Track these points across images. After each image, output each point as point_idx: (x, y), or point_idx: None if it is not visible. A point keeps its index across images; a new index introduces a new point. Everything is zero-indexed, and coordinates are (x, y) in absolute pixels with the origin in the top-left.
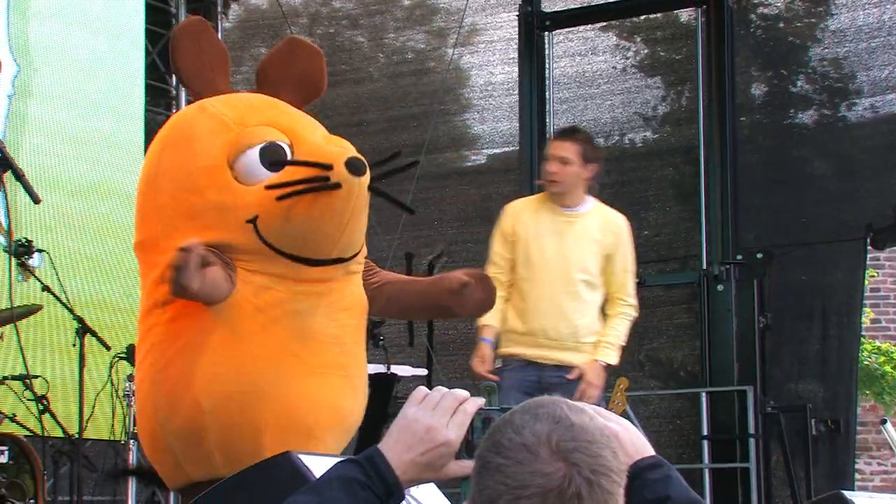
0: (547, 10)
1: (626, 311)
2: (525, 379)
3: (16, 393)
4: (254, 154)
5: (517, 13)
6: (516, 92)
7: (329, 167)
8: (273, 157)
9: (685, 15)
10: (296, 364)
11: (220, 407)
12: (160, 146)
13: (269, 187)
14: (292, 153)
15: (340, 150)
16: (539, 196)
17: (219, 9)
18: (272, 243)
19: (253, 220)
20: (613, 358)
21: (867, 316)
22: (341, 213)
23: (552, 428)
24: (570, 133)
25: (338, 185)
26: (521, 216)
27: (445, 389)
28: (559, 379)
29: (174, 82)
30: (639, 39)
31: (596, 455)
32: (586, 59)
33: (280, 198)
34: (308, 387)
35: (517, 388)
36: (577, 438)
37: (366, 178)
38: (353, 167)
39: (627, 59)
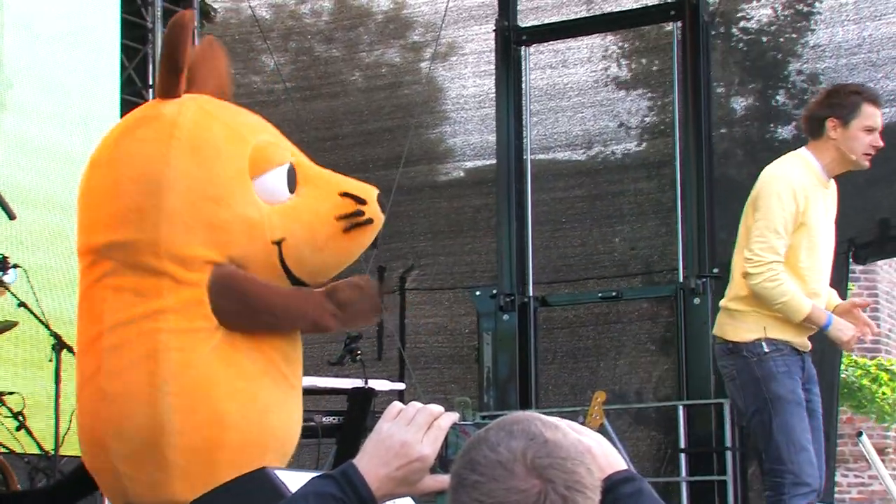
0: (523, 24)
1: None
2: (798, 365)
3: None
4: (280, 175)
5: (493, 28)
6: (487, 105)
7: (365, 202)
8: (292, 178)
9: (658, 29)
10: (287, 385)
11: (240, 423)
12: (163, 148)
13: (340, 217)
14: (296, 176)
15: (371, 186)
16: (812, 168)
17: (194, 24)
18: (290, 268)
19: (279, 242)
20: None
21: None
22: (362, 247)
23: (527, 445)
24: (879, 100)
25: (370, 221)
26: (810, 189)
27: (420, 405)
28: (808, 368)
29: (150, 97)
30: (611, 53)
31: (570, 471)
32: (557, 71)
33: (348, 229)
34: (297, 407)
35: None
36: (552, 455)
37: None
38: (382, 205)
39: (599, 71)
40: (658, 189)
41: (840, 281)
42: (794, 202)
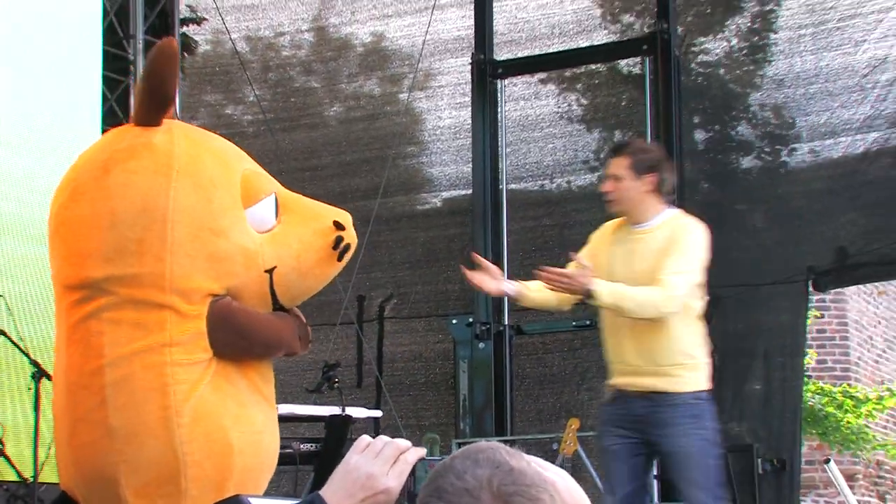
0: (499, 58)
1: (658, 288)
2: (615, 411)
3: None
4: (269, 204)
5: (469, 61)
6: (463, 136)
7: (344, 228)
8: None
9: (626, 62)
10: (268, 406)
11: (244, 448)
12: (164, 182)
13: (334, 247)
14: (278, 203)
15: (344, 211)
16: (620, 219)
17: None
18: (277, 294)
19: (270, 271)
20: (602, 291)
21: (812, 357)
22: (337, 271)
23: (493, 472)
24: (621, 147)
25: (349, 246)
26: (599, 242)
27: (388, 439)
28: (644, 409)
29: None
30: (580, 85)
31: (535, 498)
32: (529, 102)
33: (340, 257)
34: (276, 425)
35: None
36: (517, 482)
37: None
38: (356, 230)
39: (570, 103)
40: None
41: (799, 308)
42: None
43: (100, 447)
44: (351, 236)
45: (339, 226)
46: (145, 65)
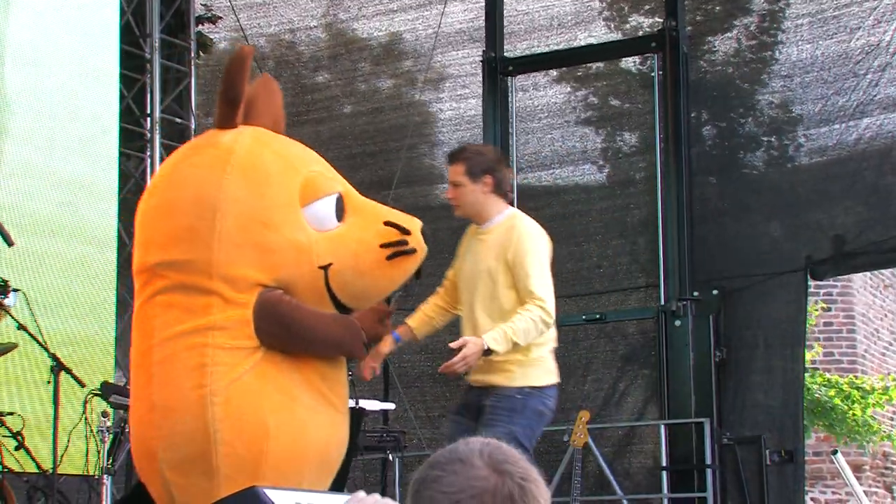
0: (509, 55)
1: (528, 307)
2: (461, 401)
3: None
4: (329, 203)
5: (476, 55)
6: (469, 128)
7: (409, 233)
8: (340, 208)
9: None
10: (325, 402)
11: (281, 435)
12: (218, 174)
13: (383, 245)
14: (344, 205)
15: (415, 218)
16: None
17: (192, 55)
18: (335, 292)
19: (325, 267)
20: (496, 345)
21: (816, 350)
22: (405, 275)
23: (483, 446)
24: (455, 155)
25: (414, 251)
26: (461, 245)
27: (380, 498)
28: (477, 399)
29: (148, 126)
30: (587, 77)
31: (524, 468)
32: (527, 94)
33: (391, 257)
34: (335, 424)
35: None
36: (506, 454)
37: None
38: (426, 236)
39: (574, 95)
40: (621, 208)
41: (799, 298)
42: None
43: (144, 422)
44: (417, 241)
45: (402, 230)
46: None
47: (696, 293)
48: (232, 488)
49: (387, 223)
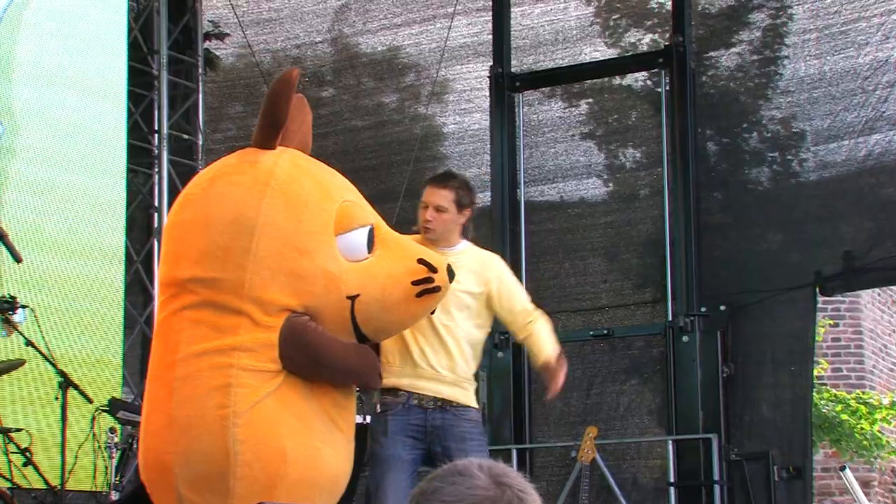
0: (516, 71)
1: (541, 318)
2: (407, 420)
3: None
4: (362, 235)
5: (480, 69)
6: (476, 141)
7: (436, 271)
8: (371, 239)
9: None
10: (336, 428)
11: (298, 459)
12: (258, 196)
13: (415, 283)
14: (374, 237)
15: (442, 256)
16: (417, 238)
17: (199, 71)
18: (359, 323)
19: (353, 298)
20: (557, 352)
21: (827, 364)
22: (427, 312)
23: (482, 461)
24: (445, 179)
25: (438, 289)
26: None
27: None
28: (442, 420)
29: (156, 142)
30: (593, 92)
31: (522, 483)
32: (533, 108)
33: (420, 294)
34: (346, 452)
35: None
36: (504, 469)
37: None
38: (451, 274)
39: (579, 110)
40: (628, 223)
41: (808, 314)
42: None
43: (161, 436)
44: (442, 280)
45: (431, 268)
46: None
47: (703, 309)
48: None
49: (419, 261)
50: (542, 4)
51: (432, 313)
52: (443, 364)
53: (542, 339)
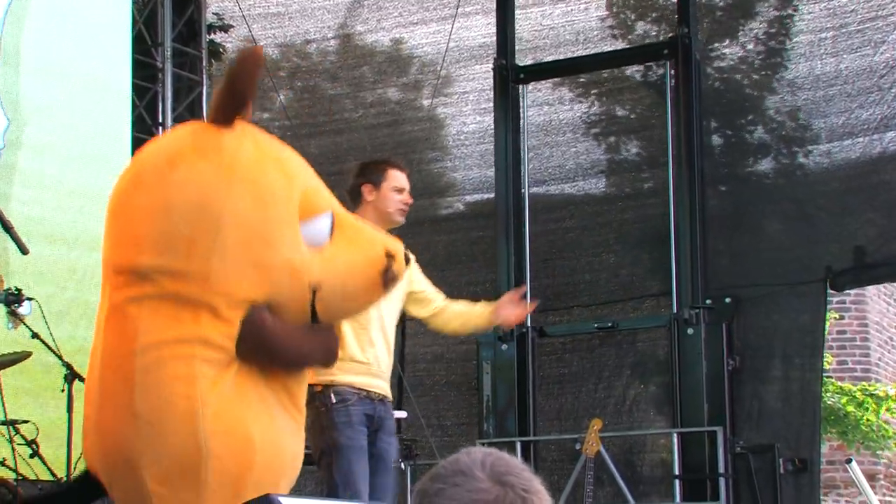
0: (521, 63)
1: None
2: (362, 411)
3: (4, 437)
4: (324, 222)
5: (492, 66)
6: (486, 141)
7: (393, 258)
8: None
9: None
10: (289, 415)
11: (265, 446)
12: (224, 185)
13: (382, 272)
14: (333, 224)
15: (397, 241)
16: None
17: (203, 63)
18: (318, 311)
19: (314, 288)
20: None
21: (832, 357)
22: (384, 297)
23: (485, 456)
24: (402, 163)
25: (396, 277)
26: None
27: None
28: (382, 414)
29: (160, 135)
30: (601, 90)
31: (526, 479)
32: (544, 108)
33: (385, 283)
34: (300, 434)
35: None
36: (510, 465)
37: None
38: (407, 259)
39: (585, 105)
40: (634, 217)
41: (817, 308)
42: None
43: (124, 432)
44: (400, 267)
45: (389, 255)
46: (228, 67)
47: (708, 301)
48: (217, 501)
49: (386, 252)
50: (551, 4)
51: None
52: (382, 358)
53: (462, 302)
